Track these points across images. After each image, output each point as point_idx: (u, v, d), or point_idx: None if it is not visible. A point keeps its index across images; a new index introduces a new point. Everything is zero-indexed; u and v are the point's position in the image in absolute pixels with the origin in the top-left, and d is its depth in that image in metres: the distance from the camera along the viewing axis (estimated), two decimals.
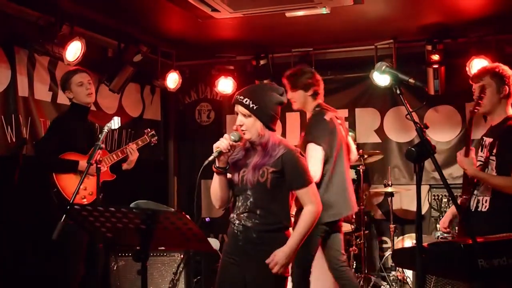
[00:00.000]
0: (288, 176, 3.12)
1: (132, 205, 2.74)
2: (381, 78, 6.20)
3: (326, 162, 4.11)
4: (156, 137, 5.18)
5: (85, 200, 4.48)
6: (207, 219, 7.41)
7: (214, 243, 6.54)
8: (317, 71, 5.99)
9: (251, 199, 3.14)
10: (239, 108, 3.10)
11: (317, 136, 4.05)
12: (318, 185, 4.05)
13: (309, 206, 3.13)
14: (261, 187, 3.11)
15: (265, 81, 6.53)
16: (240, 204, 3.18)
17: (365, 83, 7.07)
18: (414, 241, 2.38)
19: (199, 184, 7.61)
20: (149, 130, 5.16)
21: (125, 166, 4.83)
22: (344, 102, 7.40)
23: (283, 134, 6.99)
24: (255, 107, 3.05)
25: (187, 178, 7.99)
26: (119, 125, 3.85)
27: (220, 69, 7.07)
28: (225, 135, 3.07)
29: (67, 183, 4.42)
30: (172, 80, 6.79)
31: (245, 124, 3.10)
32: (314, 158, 4.04)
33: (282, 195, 3.16)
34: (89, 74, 4.66)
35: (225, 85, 7.09)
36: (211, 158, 2.99)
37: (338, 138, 4.25)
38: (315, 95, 4.36)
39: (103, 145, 3.69)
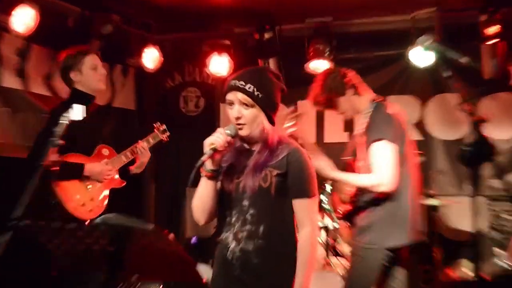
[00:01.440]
0: (290, 179, 3.21)
1: (97, 220, 2.88)
2: (422, 56, 6.26)
3: (400, 164, 4.23)
4: (168, 133, 5.37)
5: (92, 212, 4.67)
6: (193, 240, 7.41)
7: (205, 270, 6.19)
8: (338, 47, 6.68)
9: (251, 211, 3.19)
10: (238, 96, 3.16)
11: (386, 132, 4.16)
12: (391, 195, 4.19)
13: (305, 228, 3.22)
14: (263, 194, 3.18)
15: (270, 60, 6.74)
16: (233, 219, 3.24)
17: (399, 63, 7.05)
18: (470, 272, 2.26)
19: (185, 192, 7.64)
20: (159, 124, 5.36)
21: (134, 170, 5.02)
22: (373, 88, 6.24)
23: None
24: (260, 95, 3.14)
25: (169, 184, 8.01)
26: (81, 115, 3.83)
27: (213, 45, 7.11)
28: (219, 129, 3.12)
29: (71, 192, 4.59)
30: (151, 58, 6.88)
31: (245, 116, 3.17)
32: (385, 158, 4.12)
33: (288, 206, 3.23)
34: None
35: (219, 65, 7.10)
36: (204, 157, 3.04)
37: (406, 137, 4.41)
38: (354, 90, 4.52)
39: (60, 142, 3.62)
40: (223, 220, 3.28)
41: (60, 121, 3.64)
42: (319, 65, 6.81)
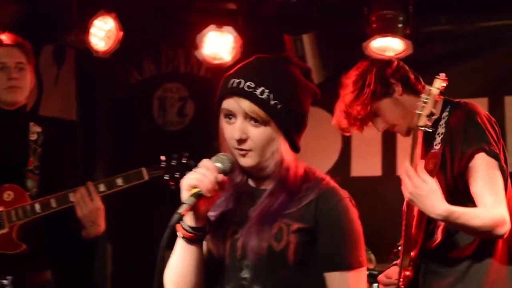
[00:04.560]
0: (320, 239, 2.83)
1: None
2: None
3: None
4: (177, 174, 4.92)
5: None
6: None
7: None
8: (419, 15, 6.17)
9: None
10: (242, 105, 2.81)
11: (488, 138, 4.03)
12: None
13: None
14: (275, 261, 2.81)
15: (304, 36, 6.17)
16: None
17: None
18: None
19: (162, 259, 6.68)
20: (182, 154, 4.95)
21: (83, 232, 4.75)
22: (479, 82, 6.54)
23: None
24: (279, 106, 2.83)
25: (135, 245, 7.31)
26: None
27: (207, 11, 6.41)
28: (205, 162, 2.79)
29: None
30: (103, 33, 6.24)
31: (253, 137, 2.82)
32: (496, 180, 3.93)
33: (317, 282, 2.83)
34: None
35: (219, 45, 6.34)
36: (182, 208, 2.69)
37: (505, 150, 4.24)
38: (410, 87, 4.30)
39: None
40: None
41: None
42: (387, 45, 6.25)
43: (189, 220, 2.82)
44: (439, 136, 4.21)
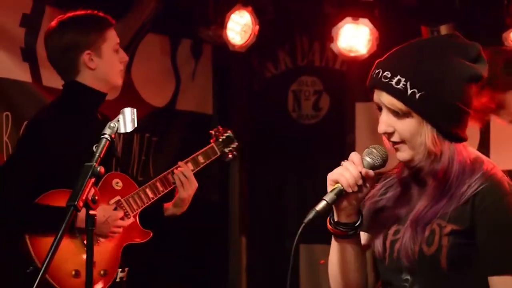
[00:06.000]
0: (480, 241, 2.73)
1: None
2: None
3: None
4: (236, 144, 5.19)
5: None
6: None
7: None
8: None
9: None
10: (382, 98, 2.78)
11: None
12: None
13: None
14: (428, 266, 2.78)
15: (442, 27, 6.04)
16: None
17: None
18: None
19: (294, 256, 6.83)
20: (220, 129, 5.19)
21: (170, 210, 4.79)
22: None
23: None
24: (417, 94, 2.74)
25: (270, 239, 7.30)
26: (134, 125, 3.45)
27: (343, 3, 6.37)
28: (352, 156, 2.78)
29: (56, 255, 4.32)
30: (239, 28, 6.33)
31: (399, 130, 2.78)
32: None
33: (476, 286, 2.77)
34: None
35: (355, 38, 6.29)
36: (320, 206, 2.72)
37: None
38: None
39: (101, 169, 3.32)
40: None
41: (102, 137, 3.44)
42: None
43: (335, 216, 2.84)
44: None
